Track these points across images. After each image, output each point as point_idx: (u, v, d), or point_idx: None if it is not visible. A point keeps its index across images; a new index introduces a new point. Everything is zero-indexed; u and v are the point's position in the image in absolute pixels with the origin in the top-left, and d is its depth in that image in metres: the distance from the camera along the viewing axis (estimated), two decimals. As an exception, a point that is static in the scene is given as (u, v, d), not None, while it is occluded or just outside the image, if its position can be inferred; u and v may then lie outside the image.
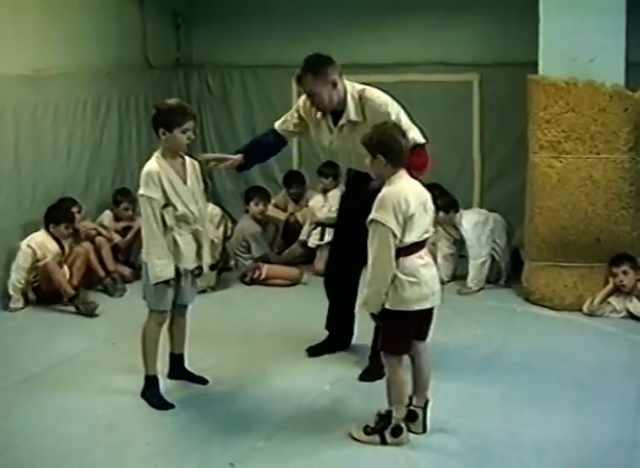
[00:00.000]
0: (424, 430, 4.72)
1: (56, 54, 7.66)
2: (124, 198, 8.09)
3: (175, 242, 5.09)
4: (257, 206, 8.12)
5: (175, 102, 5.23)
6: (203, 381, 5.49)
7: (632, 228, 6.72)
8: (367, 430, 4.64)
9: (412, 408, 4.70)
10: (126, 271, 7.81)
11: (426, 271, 4.57)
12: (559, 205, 6.71)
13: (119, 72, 8.52)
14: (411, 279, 4.49)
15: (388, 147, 4.50)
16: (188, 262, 5.18)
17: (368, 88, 5.51)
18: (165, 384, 5.36)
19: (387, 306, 4.51)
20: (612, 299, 6.69)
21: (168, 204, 5.03)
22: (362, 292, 4.62)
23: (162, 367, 5.44)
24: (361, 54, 8.68)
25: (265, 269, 7.81)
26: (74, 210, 7.56)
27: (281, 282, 7.80)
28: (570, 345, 6.12)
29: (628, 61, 6.62)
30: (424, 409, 4.72)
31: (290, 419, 4.94)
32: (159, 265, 5.02)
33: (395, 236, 4.42)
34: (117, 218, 8.13)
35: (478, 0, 8.04)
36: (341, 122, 5.42)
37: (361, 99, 5.41)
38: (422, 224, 4.53)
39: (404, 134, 4.60)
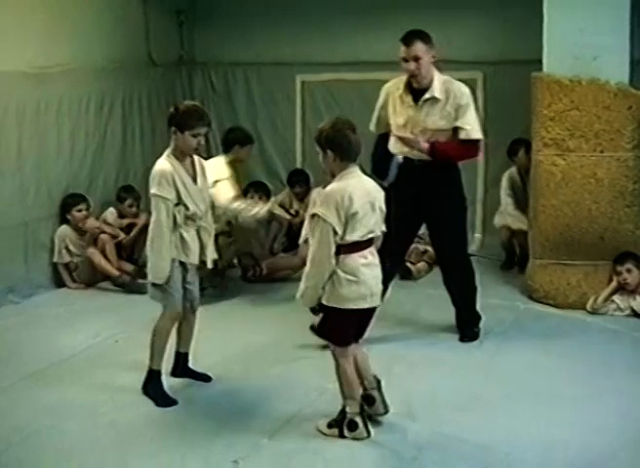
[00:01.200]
0: (386, 410, 4.79)
1: (59, 51, 7.64)
2: (128, 195, 8.10)
3: (182, 238, 5.14)
4: (252, 199, 8.12)
5: (192, 105, 5.29)
6: (206, 378, 5.50)
7: (636, 226, 6.70)
8: (330, 424, 4.70)
9: (367, 393, 4.76)
10: (129, 268, 7.81)
11: (368, 271, 4.56)
12: (563, 203, 6.70)
13: (122, 70, 8.51)
14: (350, 277, 4.49)
15: (337, 143, 4.54)
16: (195, 258, 5.22)
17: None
18: (168, 381, 5.37)
19: (324, 301, 4.54)
20: (616, 297, 6.68)
21: (179, 203, 5.07)
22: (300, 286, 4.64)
23: (165, 364, 5.45)
24: (364, 51, 8.69)
25: (265, 264, 7.78)
26: (82, 207, 7.60)
27: (285, 273, 7.77)
28: (573, 343, 6.11)
29: (633, 59, 6.60)
30: (379, 389, 4.79)
31: (293, 417, 4.94)
32: (162, 266, 5.05)
33: (336, 233, 4.42)
34: (121, 215, 8.13)
35: (482, -2, 8.04)
36: (425, 97, 5.79)
37: (445, 83, 5.84)
38: (368, 223, 4.51)
39: (354, 130, 4.62)
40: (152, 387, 5.24)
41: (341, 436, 4.64)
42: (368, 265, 4.56)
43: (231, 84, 9.57)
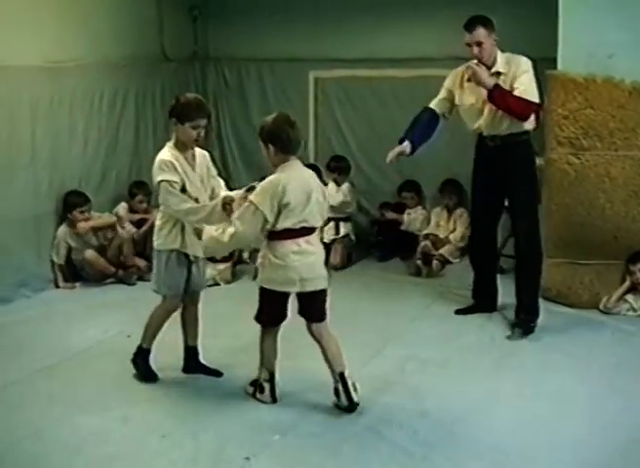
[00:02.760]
0: (350, 401, 4.90)
1: (73, 46, 7.65)
2: (139, 190, 8.12)
3: (183, 229, 5.21)
4: None
5: (193, 97, 5.33)
6: (217, 374, 5.50)
7: (650, 226, 6.68)
8: (251, 383, 5.16)
9: (334, 385, 4.96)
10: (141, 263, 7.81)
11: (298, 257, 4.86)
12: (576, 202, 6.67)
13: (136, 65, 8.51)
14: (278, 262, 4.85)
15: (277, 137, 4.83)
16: (197, 249, 5.25)
17: None
18: (180, 376, 5.38)
19: (258, 282, 4.98)
20: (629, 297, 6.66)
21: (184, 189, 5.13)
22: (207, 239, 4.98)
23: (177, 361, 5.47)
24: (379, 48, 8.68)
25: None
26: (85, 209, 7.63)
27: None
28: (586, 343, 6.09)
29: (648, 58, 6.57)
30: (343, 382, 4.92)
31: (305, 414, 4.94)
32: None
33: (267, 221, 4.75)
34: (132, 211, 8.14)
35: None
36: (491, 72, 6.06)
37: (507, 57, 6.14)
38: (301, 213, 4.79)
39: (293, 125, 4.89)
40: (140, 361, 5.46)
41: (254, 396, 5.09)
42: (299, 253, 4.86)
43: (244, 80, 9.56)
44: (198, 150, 5.34)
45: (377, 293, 7.33)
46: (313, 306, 5.07)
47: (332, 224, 8.38)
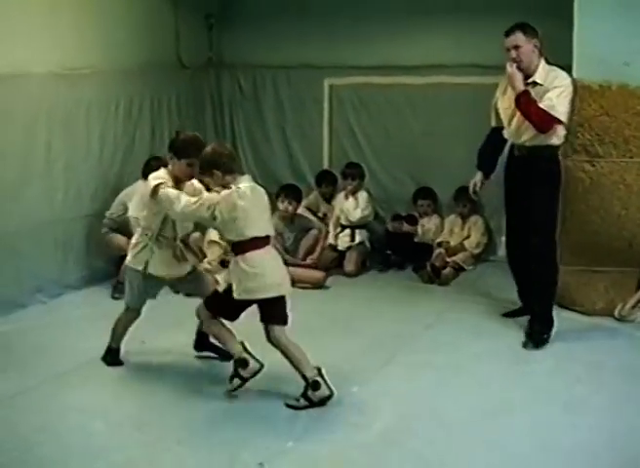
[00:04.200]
0: (331, 390, 5.07)
1: (89, 53, 7.68)
2: None
3: (152, 252, 5.55)
4: (282, 203, 8.15)
5: (192, 136, 5.65)
6: (226, 356, 5.60)
7: (665, 233, 6.66)
8: (230, 380, 5.24)
9: (315, 379, 5.09)
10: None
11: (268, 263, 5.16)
12: (591, 209, 6.67)
13: (152, 72, 8.54)
14: (256, 270, 5.09)
15: (216, 162, 5.10)
16: (175, 269, 5.70)
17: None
18: (195, 384, 5.39)
19: (235, 295, 5.11)
20: (643, 304, 6.65)
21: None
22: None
23: (191, 370, 5.50)
24: (393, 55, 8.70)
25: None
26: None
27: (304, 285, 7.79)
28: (600, 350, 6.07)
29: (663, 65, 6.56)
30: (321, 374, 5.09)
31: (319, 420, 4.94)
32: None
33: (215, 218, 5.05)
34: None
35: (511, 3, 7.99)
36: (528, 82, 6.10)
37: (548, 71, 6.15)
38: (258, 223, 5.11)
39: (222, 145, 5.43)
40: (110, 359, 5.85)
41: (237, 376, 5.21)
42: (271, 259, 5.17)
43: (259, 87, 9.58)
44: (192, 182, 5.58)
45: (390, 300, 7.33)
46: (277, 309, 5.21)
47: (347, 231, 8.39)
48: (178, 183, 5.46)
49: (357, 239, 8.37)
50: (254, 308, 5.22)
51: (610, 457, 4.51)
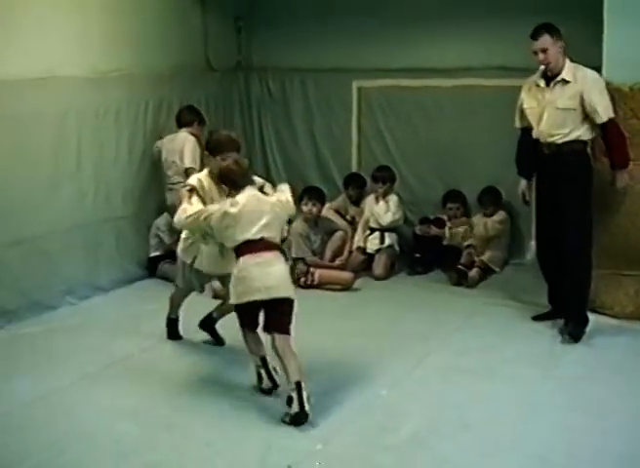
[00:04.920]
0: (301, 408, 4.89)
1: (119, 56, 7.74)
2: None
3: (200, 248, 5.86)
4: (306, 206, 8.16)
5: (224, 134, 5.94)
6: (220, 342, 6.16)
7: (695, 236, 6.61)
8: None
9: (287, 394, 5.03)
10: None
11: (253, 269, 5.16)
12: (621, 212, 6.61)
13: (180, 75, 8.58)
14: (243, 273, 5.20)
15: (225, 178, 5.38)
16: (217, 268, 5.89)
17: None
18: (223, 385, 5.40)
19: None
20: (674, 308, 6.60)
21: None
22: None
23: (221, 371, 5.50)
24: (421, 58, 8.69)
25: (318, 275, 7.83)
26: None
27: (333, 287, 7.79)
28: (630, 354, 6.03)
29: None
30: (298, 390, 4.93)
31: (348, 423, 4.94)
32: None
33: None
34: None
35: (540, 5, 7.96)
36: (556, 80, 6.24)
37: (574, 68, 6.27)
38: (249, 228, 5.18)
39: (238, 162, 5.43)
40: (169, 327, 6.34)
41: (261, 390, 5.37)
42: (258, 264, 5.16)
43: (288, 90, 9.59)
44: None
45: (419, 303, 7.32)
46: (277, 317, 5.24)
47: (377, 234, 8.38)
48: (216, 181, 5.63)
49: (386, 242, 8.35)
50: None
51: (638, 462, 4.49)
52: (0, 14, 6.51)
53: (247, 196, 5.27)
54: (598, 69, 6.53)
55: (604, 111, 6.14)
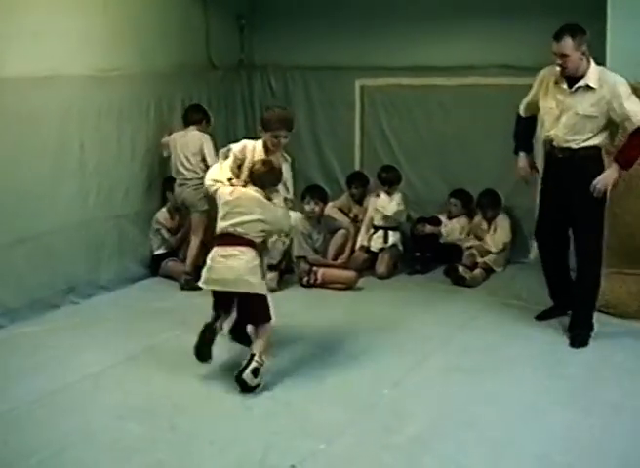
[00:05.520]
0: (239, 374, 5.31)
1: (121, 55, 7.72)
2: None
3: None
4: (308, 204, 8.16)
5: (276, 111, 6.07)
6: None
7: (699, 236, 6.60)
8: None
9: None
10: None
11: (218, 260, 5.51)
12: (625, 211, 6.61)
13: (183, 73, 8.57)
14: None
15: (249, 170, 5.69)
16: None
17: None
18: (227, 384, 5.42)
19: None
20: (677, 308, 6.59)
21: None
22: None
23: (225, 370, 5.50)
24: (425, 56, 8.68)
25: (321, 273, 7.82)
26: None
27: (337, 285, 7.78)
28: (633, 354, 6.02)
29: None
30: (249, 360, 5.36)
31: (350, 423, 4.93)
32: None
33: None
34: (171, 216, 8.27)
35: (543, 3, 7.95)
36: (579, 84, 6.00)
37: (600, 73, 6.03)
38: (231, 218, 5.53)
39: (265, 163, 5.70)
40: None
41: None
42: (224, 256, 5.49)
43: (290, 88, 9.58)
44: (283, 157, 6.02)
45: (422, 302, 7.31)
46: (246, 309, 5.66)
47: (381, 233, 8.36)
48: (267, 152, 5.88)
49: (390, 241, 8.34)
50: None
51: (643, 462, 4.49)
52: (2, 13, 6.50)
53: (249, 191, 5.59)
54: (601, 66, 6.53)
55: (636, 116, 5.88)
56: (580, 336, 6.21)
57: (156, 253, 8.16)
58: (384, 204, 8.34)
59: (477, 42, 8.49)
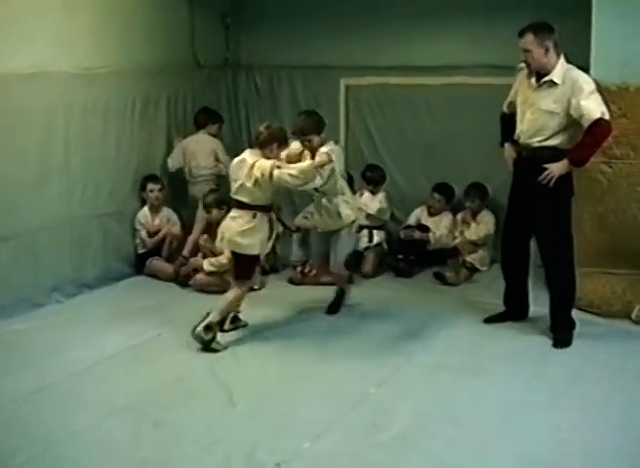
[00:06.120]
0: (195, 327, 5.96)
1: (106, 52, 7.71)
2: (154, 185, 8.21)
3: None
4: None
5: (304, 119, 6.79)
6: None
7: (683, 235, 6.63)
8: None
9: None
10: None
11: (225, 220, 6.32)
12: (609, 210, 6.64)
13: (168, 71, 8.56)
14: None
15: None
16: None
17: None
18: (211, 381, 5.39)
19: None
20: (661, 307, 6.62)
21: None
22: None
23: (210, 366, 5.48)
24: (410, 56, 8.66)
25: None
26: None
27: (329, 280, 7.74)
28: (618, 352, 6.05)
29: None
30: (205, 316, 6.00)
31: (336, 421, 4.93)
32: None
33: None
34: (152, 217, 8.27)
35: (529, 3, 7.96)
36: (544, 80, 6.06)
37: (566, 70, 6.04)
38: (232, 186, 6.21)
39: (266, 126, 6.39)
40: None
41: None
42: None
43: (276, 87, 9.56)
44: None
45: (407, 301, 7.32)
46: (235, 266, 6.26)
47: (365, 232, 8.36)
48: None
49: (375, 240, 8.35)
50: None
51: (628, 460, 4.50)
52: (-13, 10, 6.50)
53: (239, 158, 6.24)
54: (586, 69, 6.55)
55: (590, 114, 5.81)
56: (562, 336, 6.23)
57: (140, 251, 8.14)
58: (367, 202, 8.35)
59: (464, 41, 8.49)
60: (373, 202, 8.35)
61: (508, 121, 6.45)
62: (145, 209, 8.17)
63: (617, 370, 5.73)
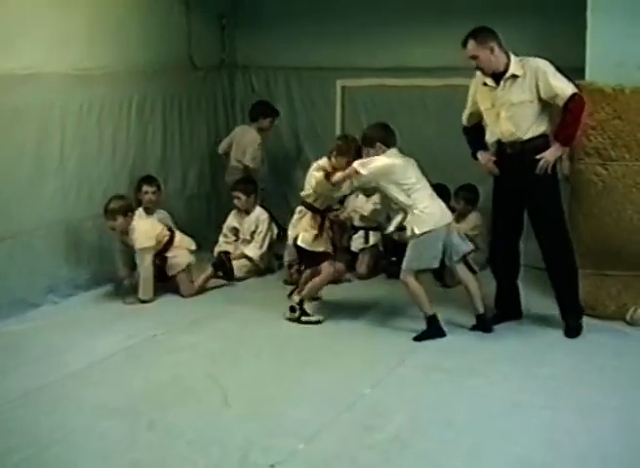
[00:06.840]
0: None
1: (102, 53, 7.71)
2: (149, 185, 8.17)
3: None
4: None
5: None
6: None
7: (678, 237, 6.63)
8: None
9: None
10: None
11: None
12: (604, 212, 6.64)
13: (164, 72, 8.56)
14: None
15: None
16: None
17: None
18: (207, 381, 5.38)
19: None
20: (656, 309, 6.62)
21: None
22: None
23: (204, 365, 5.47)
24: (407, 57, 8.68)
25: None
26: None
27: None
28: (613, 354, 6.05)
29: (676, 68, 6.53)
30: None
31: (330, 422, 4.94)
32: None
33: None
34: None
35: (524, 5, 7.98)
36: (506, 76, 6.17)
37: (521, 60, 6.20)
38: None
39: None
40: (431, 329, 6.40)
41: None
42: None
43: (272, 88, 9.59)
44: None
45: (401, 302, 7.29)
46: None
47: (361, 233, 8.36)
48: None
49: (371, 241, 8.34)
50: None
51: (622, 461, 4.50)
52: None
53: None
54: (581, 70, 6.57)
55: (563, 92, 6.04)
56: (573, 323, 6.38)
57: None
58: (362, 204, 8.36)
59: (459, 43, 8.43)
60: (367, 203, 8.35)
61: (473, 132, 6.62)
62: (140, 210, 8.15)
63: (611, 371, 5.73)
